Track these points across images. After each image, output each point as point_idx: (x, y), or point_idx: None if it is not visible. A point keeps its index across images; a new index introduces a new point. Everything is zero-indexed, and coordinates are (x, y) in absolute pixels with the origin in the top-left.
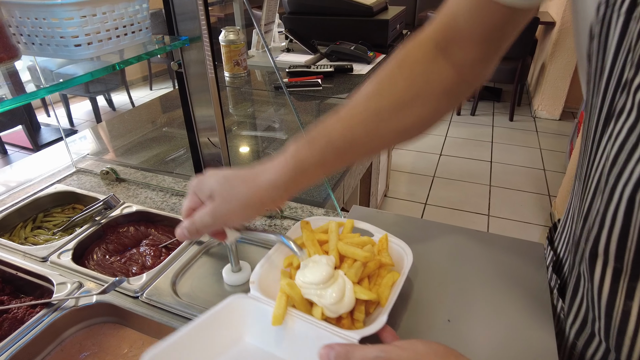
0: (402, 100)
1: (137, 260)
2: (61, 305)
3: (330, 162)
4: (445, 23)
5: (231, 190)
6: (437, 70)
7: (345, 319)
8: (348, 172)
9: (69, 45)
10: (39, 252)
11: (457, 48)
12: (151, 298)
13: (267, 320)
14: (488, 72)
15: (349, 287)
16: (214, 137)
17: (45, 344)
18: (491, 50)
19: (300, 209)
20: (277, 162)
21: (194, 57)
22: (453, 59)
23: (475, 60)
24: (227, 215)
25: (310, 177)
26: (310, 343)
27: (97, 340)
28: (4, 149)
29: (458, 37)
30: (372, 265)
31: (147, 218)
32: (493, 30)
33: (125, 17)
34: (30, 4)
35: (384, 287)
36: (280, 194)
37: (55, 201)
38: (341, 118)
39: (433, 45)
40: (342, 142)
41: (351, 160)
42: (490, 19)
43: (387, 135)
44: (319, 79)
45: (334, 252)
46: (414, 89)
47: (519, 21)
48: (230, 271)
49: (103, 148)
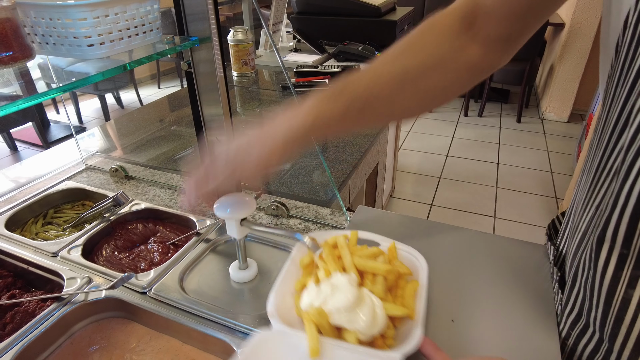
0: (428, 63)
1: (145, 256)
2: (71, 300)
3: (352, 117)
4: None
5: (247, 138)
6: (461, 44)
7: (378, 338)
8: (354, 172)
9: (82, 45)
10: (50, 247)
11: (482, 23)
12: (159, 294)
13: (298, 353)
14: (509, 54)
15: (378, 305)
16: (222, 137)
17: (56, 337)
18: (516, 31)
19: (306, 209)
20: (296, 114)
21: (204, 57)
22: (478, 35)
23: (499, 38)
24: (246, 161)
25: (329, 131)
26: None
27: (105, 334)
28: (15, 145)
29: (485, 12)
30: (392, 277)
31: (155, 215)
32: (521, 10)
33: (136, 18)
34: (45, 5)
35: (407, 298)
36: (297, 147)
37: (66, 197)
38: (369, 72)
39: (460, 19)
40: (367, 95)
41: (371, 120)
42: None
43: (411, 97)
44: (326, 79)
45: (353, 269)
46: (439, 53)
47: (549, 6)
48: (238, 268)
49: (112, 146)
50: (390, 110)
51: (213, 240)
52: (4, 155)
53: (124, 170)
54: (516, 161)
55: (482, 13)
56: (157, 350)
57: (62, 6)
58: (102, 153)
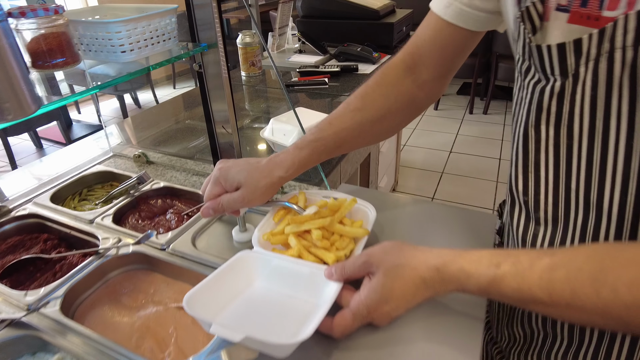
0: (379, 114)
1: (164, 224)
2: (105, 254)
3: (324, 158)
4: (413, 50)
5: (256, 182)
6: (404, 89)
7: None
8: (344, 158)
9: (117, 51)
10: (87, 216)
11: (422, 69)
12: (175, 249)
13: (270, 267)
14: (444, 88)
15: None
16: (228, 127)
17: (94, 282)
18: (447, 70)
19: (297, 187)
20: (286, 161)
21: (212, 60)
22: (418, 79)
23: (434, 79)
24: (253, 200)
25: (308, 167)
26: (305, 277)
27: (132, 281)
28: (40, 143)
29: (422, 61)
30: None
31: (172, 192)
32: (451, 54)
33: (158, 29)
34: (91, 22)
35: (350, 243)
36: (287, 180)
37: (97, 179)
38: (333, 126)
39: (403, 69)
40: (333, 145)
41: (339, 154)
42: (450, 45)
43: (367, 138)
44: (326, 77)
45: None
46: (387, 104)
47: (472, 44)
48: (239, 231)
49: (135, 137)
50: (353, 148)
51: None
52: (30, 152)
53: (146, 156)
54: None
55: (420, 63)
56: (172, 292)
57: (104, 23)
58: (127, 143)
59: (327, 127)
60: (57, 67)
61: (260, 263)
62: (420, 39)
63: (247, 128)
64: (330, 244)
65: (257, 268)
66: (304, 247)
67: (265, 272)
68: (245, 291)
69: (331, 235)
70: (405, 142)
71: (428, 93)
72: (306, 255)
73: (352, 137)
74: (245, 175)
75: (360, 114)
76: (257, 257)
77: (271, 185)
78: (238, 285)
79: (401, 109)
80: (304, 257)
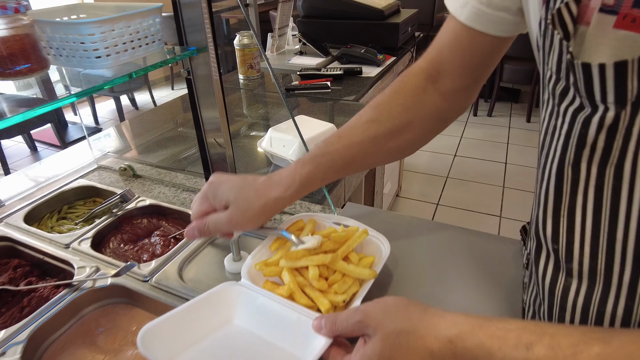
0: (397, 127)
1: (148, 249)
2: (81, 286)
3: (330, 177)
4: (434, 56)
5: (247, 203)
6: (428, 99)
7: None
8: None
9: (90, 57)
10: (63, 239)
11: (444, 79)
12: (159, 282)
13: (254, 305)
14: (472, 98)
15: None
16: (220, 138)
17: (67, 319)
18: (474, 79)
19: (299, 205)
20: (286, 178)
21: (202, 65)
22: (441, 89)
23: (460, 89)
24: (242, 223)
25: (311, 189)
26: (291, 324)
27: (111, 317)
28: (35, 146)
29: (445, 69)
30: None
31: (159, 211)
32: (476, 62)
33: (140, 31)
34: (59, 22)
35: (353, 285)
36: (286, 204)
37: (78, 194)
38: (342, 140)
39: (424, 77)
40: (342, 162)
41: (348, 174)
42: (475, 51)
43: (382, 155)
44: (328, 81)
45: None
46: (407, 116)
47: (500, 51)
48: (232, 260)
49: (123, 146)
50: (364, 166)
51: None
52: (25, 156)
53: (132, 169)
54: (524, 161)
55: (443, 71)
56: None
57: (74, 23)
58: (114, 153)
59: (336, 141)
60: (21, 74)
61: (243, 298)
62: (440, 44)
63: (244, 136)
64: (329, 285)
65: (239, 304)
66: (299, 284)
67: (247, 310)
68: (219, 330)
69: (333, 274)
70: None
71: (453, 104)
72: (299, 296)
73: (363, 153)
74: (236, 193)
75: (374, 126)
76: (241, 291)
77: (265, 208)
78: (212, 322)
79: (422, 122)
80: (295, 299)
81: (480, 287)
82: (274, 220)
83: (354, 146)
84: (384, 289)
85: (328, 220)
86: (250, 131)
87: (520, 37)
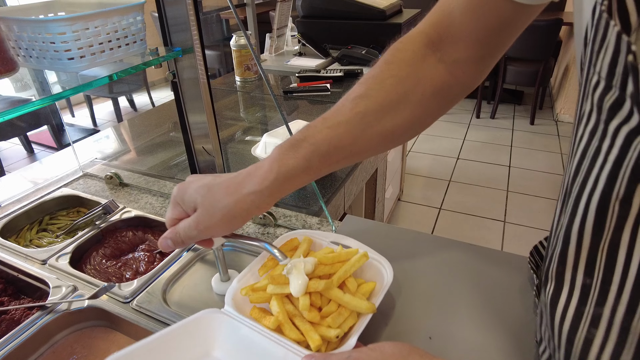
0: (389, 101)
1: (131, 265)
2: (54, 309)
3: (315, 167)
4: (439, 18)
5: (214, 202)
6: (428, 70)
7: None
8: (349, 179)
9: (62, 58)
10: (40, 255)
11: (450, 46)
12: (141, 305)
13: (237, 336)
14: (484, 74)
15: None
16: (208, 145)
17: (38, 346)
18: (488, 51)
19: (294, 217)
20: (261, 169)
21: (188, 68)
22: (445, 58)
23: (469, 60)
24: (211, 227)
25: (294, 183)
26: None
27: (87, 343)
28: (31, 148)
29: (452, 34)
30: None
31: (145, 223)
32: (493, 29)
33: (119, 30)
34: (26, 20)
35: (350, 317)
36: (264, 201)
37: (61, 204)
38: (327, 122)
39: (424, 42)
40: (327, 146)
41: (337, 164)
42: (492, 16)
43: (373, 139)
44: (328, 83)
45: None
46: (402, 88)
47: (523, 20)
48: (220, 280)
49: (111, 152)
50: (354, 153)
51: (200, 250)
52: (21, 158)
53: (119, 177)
54: (528, 164)
55: (450, 35)
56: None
57: (42, 21)
58: (101, 159)
59: (320, 123)
60: None
61: (225, 328)
62: (448, 3)
63: (239, 141)
64: (322, 316)
65: (221, 334)
66: (288, 314)
67: (229, 342)
68: None
69: (327, 303)
70: (410, 148)
71: (460, 79)
72: (288, 328)
73: (352, 135)
74: (204, 194)
75: (363, 102)
76: (223, 320)
77: (236, 206)
78: (189, 354)
79: (421, 98)
80: (284, 331)
81: (488, 315)
82: (268, 234)
83: (340, 126)
84: (385, 317)
85: (325, 239)
86: (246, 136)
87: (523, 36)
